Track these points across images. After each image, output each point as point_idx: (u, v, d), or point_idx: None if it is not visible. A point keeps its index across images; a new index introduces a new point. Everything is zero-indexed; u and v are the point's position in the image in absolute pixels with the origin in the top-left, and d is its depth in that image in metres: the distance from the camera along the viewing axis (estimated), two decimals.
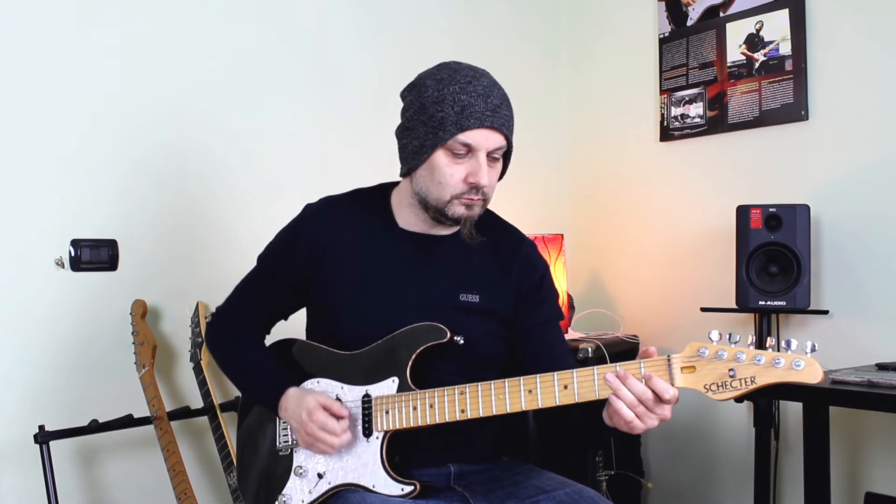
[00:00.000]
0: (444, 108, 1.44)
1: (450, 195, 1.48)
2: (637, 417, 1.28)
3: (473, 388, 1.41)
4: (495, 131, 1.47)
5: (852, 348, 2.40)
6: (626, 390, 1.28)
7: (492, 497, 1.47)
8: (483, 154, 1.47)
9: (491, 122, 1.45)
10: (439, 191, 1.49)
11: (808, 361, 1.21)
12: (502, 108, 1.47)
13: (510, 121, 1.50)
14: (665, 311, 2.96)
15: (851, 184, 2.48)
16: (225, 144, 2.42)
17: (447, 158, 1.47)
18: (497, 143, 1.48)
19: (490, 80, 1.50)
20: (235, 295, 1.71)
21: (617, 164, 3.15)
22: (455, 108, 1.44)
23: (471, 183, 1.47)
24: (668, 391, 1.26)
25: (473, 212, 1.51)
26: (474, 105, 1.44)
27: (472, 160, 1.47)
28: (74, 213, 2.14)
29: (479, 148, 1.46)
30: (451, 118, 1.44)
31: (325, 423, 1.44)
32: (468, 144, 1.45)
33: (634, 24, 3.08)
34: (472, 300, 1.55)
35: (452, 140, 1.45)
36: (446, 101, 1.44)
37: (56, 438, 1.97)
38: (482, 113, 1.44)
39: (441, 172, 1.48)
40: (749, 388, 1.24)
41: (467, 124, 1.44)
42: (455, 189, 1.48)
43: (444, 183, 1.48)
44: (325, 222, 1.60)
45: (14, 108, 2.06)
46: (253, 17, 2.48)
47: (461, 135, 1.44)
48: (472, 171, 1.47)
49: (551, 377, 1.35)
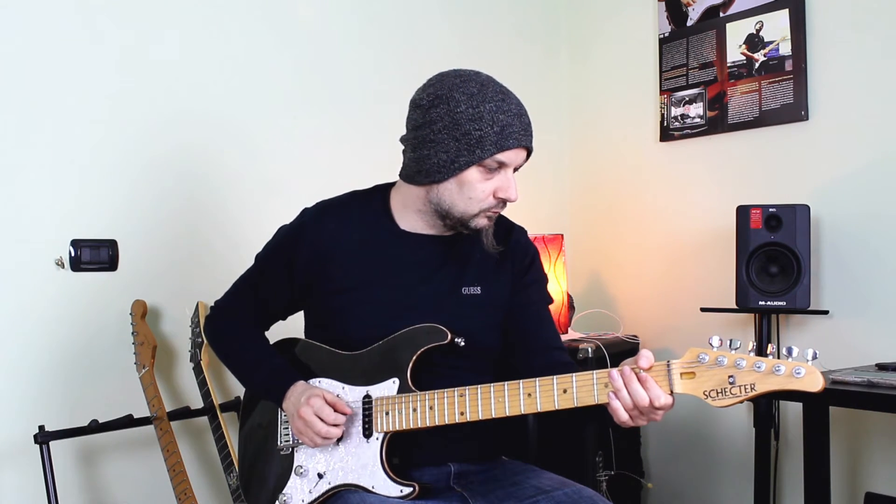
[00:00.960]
0: (482, 126, 1.45)
1: (478, 209, 1.51)
2: (631, 419, 1.32)
3: (473, 390, 1.41)
4: (525, 149, 1.52)
5: (852, 348, 2.40)
6: (626, 393, 1.29)
7: (491, 497, 1.48)
8: (512, 170, 1.51)
9: (527, 142, 1.50)
10: (467, 205, 1.51)
11: (809, 369, 1.20)
12: (530, 126, 1.52)
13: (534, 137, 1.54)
14: (665, 312, 2.96)
15: (851, 184, 2.48)
16: (225, 144, 2.42)
17: (479, 174, 1.49)
18: (523, 159, 1.53)
19: (517, 97, 1.53)
20: (234, 291, 1.71)
21: (617, 164, 3.15)
22: (494, 128, 1.45)
23: (500, 198, 1.51)
24: (658, 399, 1.28)
25: (492, 222, 1.56)
26: (513, 125, 1.47)
27: (502, 176, 1.50)
28: (74, 213, 2.14)
29: (511, 164, 1.50)
30: (490, 138, 1.45)
31: (320, 409, 1.45)
32: (503, 162, 1.48)
33: (634, 24, 3.08)
34: (474, 293, 1.57)
35: (490, 159, 1.47)
36: (484, 119, 1.45)
37: (56, 438, 1.97)
38: (520, 133, 1.48)
39: (472, 188, 1.50)
40: (749, 395, 1.23)
41: (507, 144, 1.47)
42: (484, 203, 1.51)
43: (475, 198, 1.50)
44: (325, 227, 1.61)
45: (15, 108, 2.06)
46: (253, 18, 2.48)
47: (500, 154, 1.47)
48: (501, 187, 1.50)
49: (550, 381, 1.35)
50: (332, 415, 1.45)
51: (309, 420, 1.45)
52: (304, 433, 1.48)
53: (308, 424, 1.46)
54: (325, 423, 1.45)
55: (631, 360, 1.32)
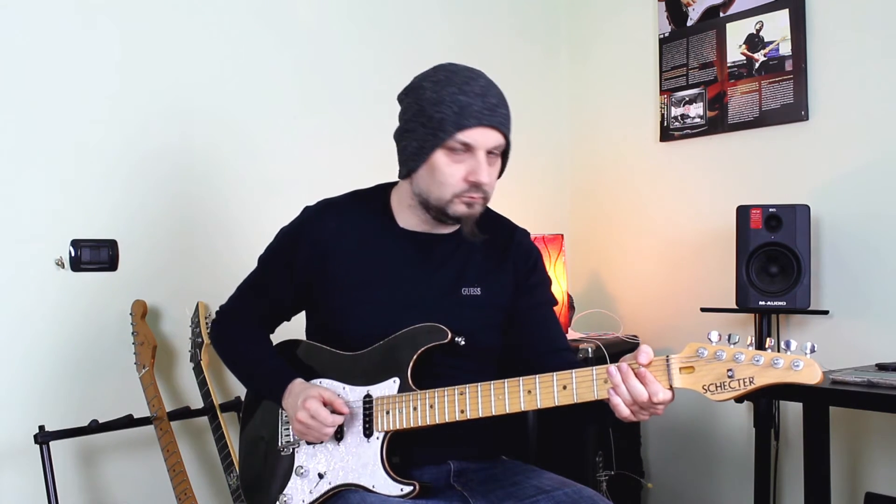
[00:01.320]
0: (442, 108, 1.46)
1: (451, 194, 1.50)
2: (632, 414, 1.32)
3: (473, 388, 1.41)
4: (493, 129, 1.48)
5: (852, 348, 2.40)
6: (625, 389, 1.29)
7: (491, 497, 1.48)
8: (482, 152, 1.49)
9: (489, 121, 1.47)
10: (440, 191, 1.50)
11: (807, 362, 1.20)
12: (500, 106, 1.49)
13: (508, 119, 1.52)
14: (665, 311, 2.96)
15: (851, 184, 2.48)
16: (225, 144, 2.42)
17: (447, 158, 1.49)
18: (495, 142, 1.50)
19: (487, 80, 1.51)
20: (238, 294, 1.72)
21: (617, 164, 3.15)
22: (454, 109, 1.46)
23: (471, 181, 1.49)
24: (657, 394, 1.28)
25: (474, 210, 1.53)
26: (472, 104, 1.46)
27: (472, 159, 1.48)
28: (74, 213, 2.14)
29: (478, 146, 1.48)
30: (450, 118, 1.46)
31: (317, 412, 1.45)
32: (467, 143, 1.47)
33: (634, 24, 3.08)
34: (473, 293, 1.57)
35: (451, 139, 1.46)
36: (444, 101, 1.46)
37: (56, 438, 1.97)
38: (480, 112, 1.46)
39: (441, 172, 1.49)
40: (747, 388, 1.23)
41: (466, 123, 1.46)
42: (456, 188, 1.50)
43: (445, 182, 1.49)
44: (326, 225, 1.61)
45: (15, 108, 2.06)
46: (253, 17, 2.48)
47: (460, 134, 1.46)
48: (471, 170, 1.48)
49: (550, 378, 1.36)
50: (330, 417, 1.46)
51: (307, 423, 1.47)
52: (306, 434, 1.50)
53: (308, 427, 1.47)
54: (322, 425, 1.46)
55: (631, 356, 1.32)
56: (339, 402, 1.48)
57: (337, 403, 1.47)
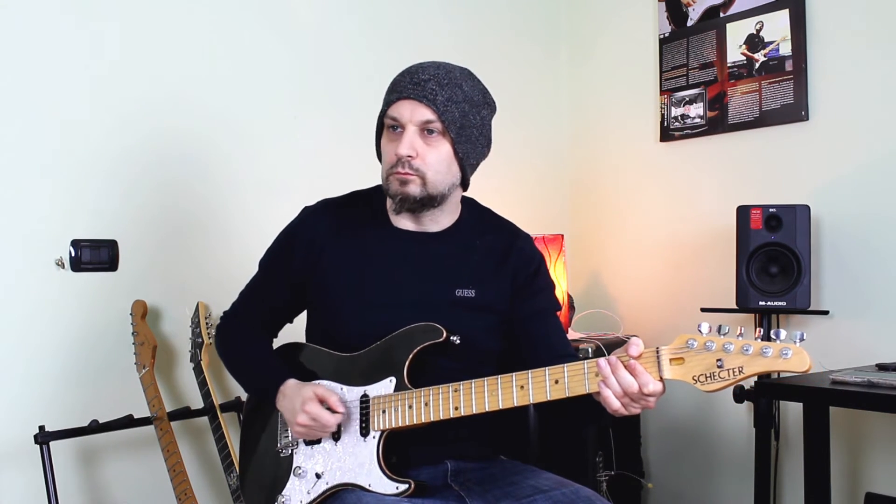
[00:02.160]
0: (387, 90, 1.53)
1: (386, 172, 1.53)
2: (623, 406, 1.31)
3: (467, 385, 1.41)
4: (419, 103, 1.48)
5: (852, 348, 2.40)
6: (615, 380, 1.29)
7: (488, 497, 1.48)
8: (411, 128, 1.49)
9: (412, 94, 1.48)
10: (383, 170, 1.54)
11: (796, 350, 1.20)
12: (431, 82, 1.49)
13: (442, 96, 1.48)
14: (665, 312, 2.96)
15: (851, 184, 2.48)
16: (225, 145, 2.42)
17: (386, 137, 1.53)
18: (423, 116, 1.48)
19: (437, 64, 1.53)
20: (241, 299, 1.72)
21: (617, 164, 3.15)
22: (388, 89, 1.52)
23: (397, 154, 1.49)
24: (647, 385, 1.27)
25: (407, 188, 1.50)
26: (402, 81, 1.51)
27: (403, 134, 1.50)
28: (74, 213, 2.15)
29: (403, 119, 1.49)
30: (385, 97, 1.52)
31: (318, 415, 1.46)
32: (394, 118, 1.50)
33: (634, 24, 3.08)
34: (468, 295, 1.56)
35: (385, 117, 1.51)
36: (390, 83, 1.53)
37: (56, 439, 1.98)
38: (405, 86, 1.50)
39: (382, 151, 1.54)
40: (737, 377, 1.23)
41: (391, 98, 1.51)
42: (389, 163, 1.52)
43: (384, 161, 1.54)
44: (322, 224, 1.61)
45: (14, 108, 2.06)
46: (254, 16, 2.49)
47: (389, 109, 1.50)
48: (399, 144, 1.50)
49: (542, 372, 1.36)
50: (331, 418, 1.46)
51: (309, 425, 1.47)
52: (307, 435, 1.51)
53: (310, 430, 1.48)
54: (325, 426, 1.47)
55: (622, 349, 1.32)
56: (333, 399, 1.48)
57: (332, 400, 1.48)
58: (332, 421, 1.46)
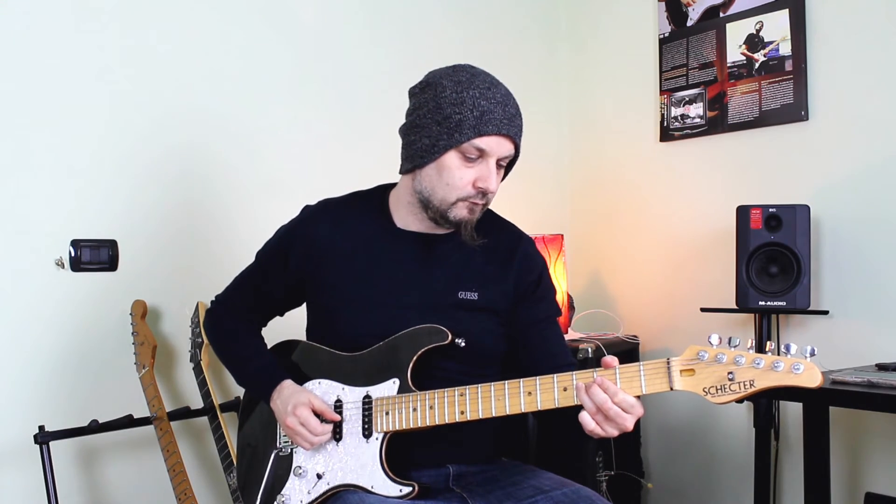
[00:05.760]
0: (462, 110, 1.45)
1: (456, 197, 1.50)
2: (597, 425, 1.31)
3: (473, 389, 1.41)
4: (509, 139, 1.49)
5: (852, 348, 2.40)
6: (588, 399, 1.30)
7: (490, 498, 1.48)
8: (494, 160, 1.49)
9: (507, 130, 1.48)
10: (445, 192, 1.50)
11: (808, 365, 1.21)
12: (517, 117, 1.50)
13: (522, 130, 1.52)
14: (665, 312, 2.96)
15: (851, 184, 2.48)
16: (226, 144, 2.42)
17: (459, 161, 1.48)
18: (508, 152, 1.50)
19: (506, 89, 1.51)
20: (234, 286, 1.73)
21: (617, 164, 3.15)
22: (475, 113, 1.45)
23: (479, 188, 1.49)
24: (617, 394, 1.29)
25: (474, 216, 1.53)
26: (494, 111, 1.46)
27: (482, 165, 1.48)
28: (74, 213, 2.14)
29: (492, 154, 1.48)
30: (469, 122, 1.45)
31: (306, 420, 1.47)
32: (482, 149, 1.47)
33: (634, 24, 3.08)
34: (470, 297, 1.55)
35: (468, 143, 1.46)
36: (465, 103, 1.45)
37: (56, 439, 1.97)
38: (500, 120, 1.46)
39: (451, 174, 1.48)
40: (748, 391, 1.24)
41: (485, 130, 1.45)
42: (462, 192, 1.49)
43: (452, 185, 1.49)
44: (323, 223, 1.61)
45: (14, 108, 2.06)
46: (255, 17, 2.48)
47: (478, 139, 1.46)
48: (481, 176, 1.48)
49: (551, 379, 1.36)
50: (319, 427, 1.48)
51: (296, 430, 1.48)
52: (293, 440, 1.52)
53: (296, 434, 1.49)
54: (311, 434, 1.47)
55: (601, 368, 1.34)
56: (329, 412, 1.48)
57: (327, 413, 1.48)
58: (320, 429, 1.47)
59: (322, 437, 1.48)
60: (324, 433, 1.48)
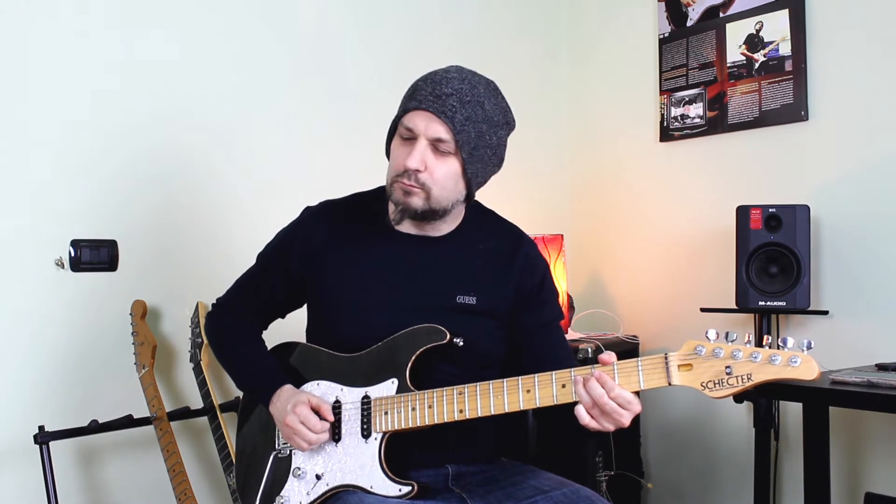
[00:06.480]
0: (405, 94, 1.50)
1: (391, 177, 1.51)
2: (593, 419, 1.32)
3: (472, 388, 1.41)
4: (437, 118, 1.44)
5: (852, 348, 2.40)
6: (585, 393, 1.31)
7: (490, 498, 1.48)
8: (422, 140, 1.45)
9: (431, 107, 1.43)
10: (389, 174, 1.52)
11: (805, 358, 1.21)
12: (452, 98, 1.43)
13: (461, 114, 1.44)
14: (665, 312, 2.96)
15: (851, 184, 2.48)
16: (225, 145, 2.42)
17: (398, 141, 1.50)
18: (437, 133, 1.44)
19: (462, 77, 1.46)
20: (235, 289, 1.73)
21: (617, 164, 3.15)
22: (408, 93, 1.48)
23: (404, 165, 1.46)
24: (614, 389, 1.29)
25: (410, 200, 1.48)
26: (423, 89, 1.46)
27: (412, 144, 1.47)
28: (74, 213, 2.14)
29: (417, 131, 1.45)
30: (403, 102, 1.49)
31: (306, 418, 1.46)
32: (409, 127, 1.46)
33: (634, 24, 3.08)
34: (468, 302, 1.54)
35: (400, 123, 1.48)
36: (410, 87, 1.49)
37: (56, 439, 1.97)
38: (425, 97, 1.45)
39: (392, 156, 1.51)
40: (745, 385, 1.24)
41: (409, 106, 1.47)
42: (395, 171, 1.49)
43: (391, 165, 1.52)
44: (323, 224, 1.61)
45: (14, 108, 2.06)
46: (252, 17, 2.48)
47: (405, 116, 1.47)
48: (407, 153, 1.47)
49: (549, 377, 1.36)
50: (318, 424, 1.47)
51: (296, 429, 1.47)
52: (292, 440, 1.51)
53: (295, 433, 1.48)
54: (311, 431, 1.47)
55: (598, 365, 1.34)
56: (325, 408, 1.48)
57: (323, 409, 1.48)
58: (319, 426, 1.47)
59: (321, 437, 1.48)
60: (322, 431, 1.48)
